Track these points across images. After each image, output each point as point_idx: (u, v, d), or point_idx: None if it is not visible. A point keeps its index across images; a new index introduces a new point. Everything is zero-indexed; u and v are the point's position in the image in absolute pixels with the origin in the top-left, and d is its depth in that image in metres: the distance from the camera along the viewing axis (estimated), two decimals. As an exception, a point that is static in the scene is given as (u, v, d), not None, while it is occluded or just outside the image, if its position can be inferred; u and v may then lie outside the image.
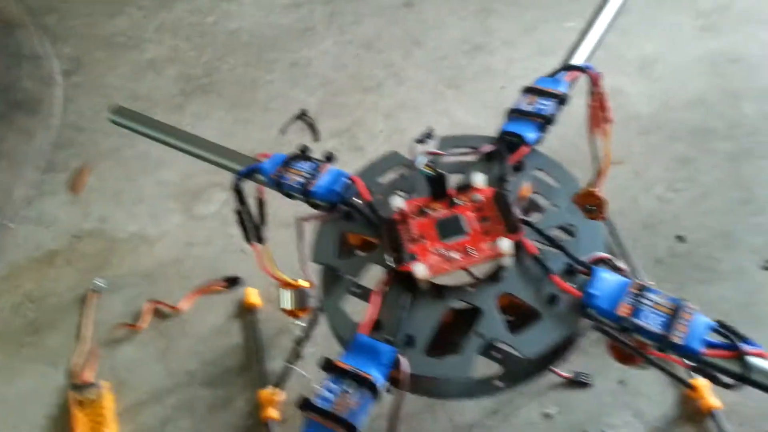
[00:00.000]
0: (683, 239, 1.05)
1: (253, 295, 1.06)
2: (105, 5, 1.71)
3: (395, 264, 0.62)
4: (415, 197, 0.68)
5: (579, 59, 0.79)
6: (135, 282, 1.12)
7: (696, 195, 1.11)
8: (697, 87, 1.28)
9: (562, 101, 0.73)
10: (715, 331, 0.55)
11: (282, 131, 1.34)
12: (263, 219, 0.78)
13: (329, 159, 0.72)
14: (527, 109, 0.72)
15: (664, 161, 1.16)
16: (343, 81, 1.43)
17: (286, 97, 1.41)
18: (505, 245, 0.60)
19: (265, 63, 1.49)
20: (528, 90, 0.74)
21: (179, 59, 1.54)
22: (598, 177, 0.81)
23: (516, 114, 0.72)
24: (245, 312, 1.05)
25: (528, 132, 0.70)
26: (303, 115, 1.35)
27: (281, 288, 0.85)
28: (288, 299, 0.85)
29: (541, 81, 0.75)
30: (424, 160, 0.68)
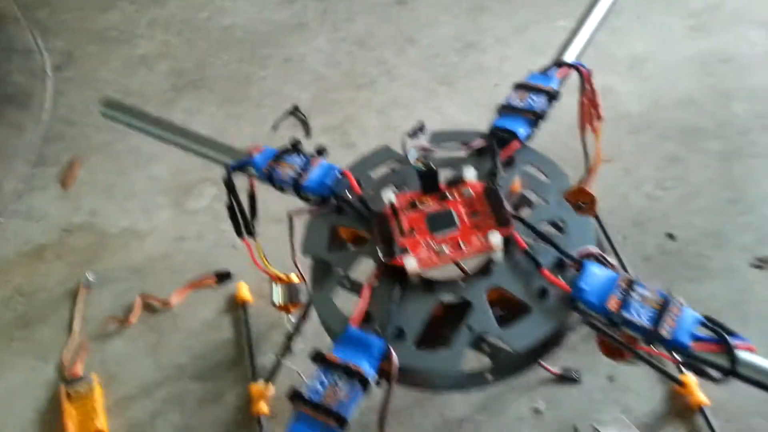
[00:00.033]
0: (673, 237, 1.06)
1: (244, 290, 1.05)
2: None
3: (386, 257, 0.62)
4: (407, 191, 0.68)
5: (570, 57, 0.79)
6: (125, 276, 1.12)
7: (686, 193, 1.11)
8: (688, 86, 1.28)
9: (553, 97, 0.73)
10: (704, 326, 0.55)
11: (274, 127, 1.34)
12: (254, 213, 0.78)
13: (321, 153, 0.72)
14: (518, 105, 0.72)
15: (654, 160, 1.17)
16: (336, 78, 1.43)
17: (278, 93, 1.41)
18: (496, 239, 0.61)
19: (258, 59, 1.49)
20: (519, 86, 0.75)
21: (171, 54, 1.54)
22: (588, 174, 0.82)
23: (507, 110, 0.73)
24: (236, 307, 1.05)
25: (519, 128, 0.71)
26: (295, 111, 1.35)
27: (272, 283, 0.85)
28: (279, 294, 0.85)
29: (532, 77, 0.75)
30: (415, 154, 0.68)
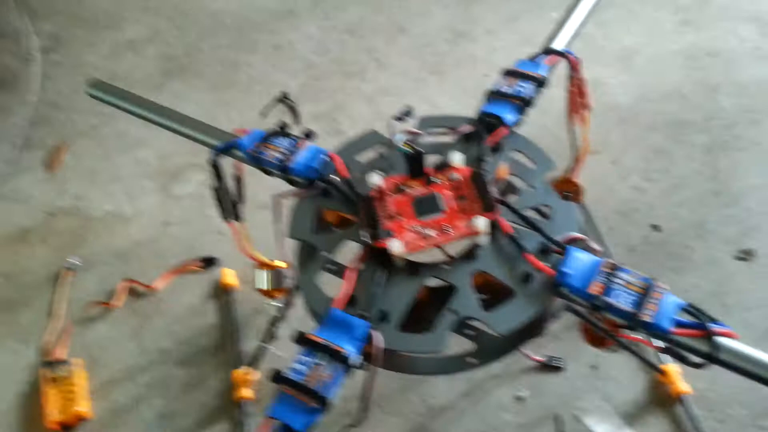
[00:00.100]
0: (658, 228, 1.06)
1: (230, 276, 1.05)
2: (86, -17, 1.69)
3: (371, 240, 0.62)
4: (393, 175, 0.68)
5: (559, 45, 0.79)
6: (110, 261, 1.11)
7: (671, 185, 1.12)
8: (676, 80, 1.29)
9: (541, 84, 0.73)
10: (685, 311, 0.56)
11: (263, 114, 1.33)
12: (241, 196, 0.78)
13: (308, 136, 0.72)
14: (506, 91, 0.72)
15: (640, 151, 1.17)
16: (326, 65, 1.42)
17: (267, 80, 1.40)
18: (481, 223, 0.61)
19: (248, 45, 1.48)
20: (507, 72, 0.75)
21: (160, 39, 1.52)
22: (575, 163, 0.82)
23: (495, 96, 0.73)
24: (221, 292, 1.05)
25: (507, 114, 0.71)
26: (284, 98, 1.35)
27: (257, 268, 0.85)
28: (264, 279, 0.85)
29: (521, 64, 0.75)
30: (402, 137, 0.68)
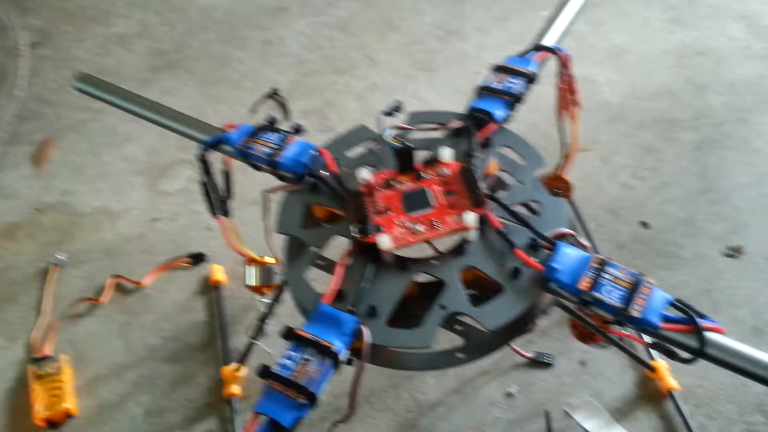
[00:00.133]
0: (647, 225, 1.06)
1: (218, 272, 1.05)
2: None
3: (360, 235, 0.62)
4: (382, 170, 0.68)
5: (549, 41, 0.79)
6: (97, 257, 1.10)
7: (660, 183, 1.12)
8: (665, 78, 1.29)
9: (531, 80, 0.73)
10: (673, 306, 0.56)
11: (253, 110, 1.32)
12: (229, 191, 0.77)
13: (297, 131, 0.72)
14: (496, 87, 0.72)
15: (630, 149, 1.18)
16: (317, 62, 1.42)
17: (257, 76, 1.39)
18: (470, 219, 0.60)
19: (238, 41, 1.47)
20: (498, 68, 0.74)
21: (149, 34, 1.51)
22: (565, 160, 0.82)
23: (485, 91, 0.73)
24: (210, 289, 1.04)
25: (496, 109, 0.70)
26: (274, 94, 1.34)
27: (247, 264, 0.84)
28: (253, 276, 0.85)
29: (511, 60, 0.75)
30: (391, 132, 0.68)
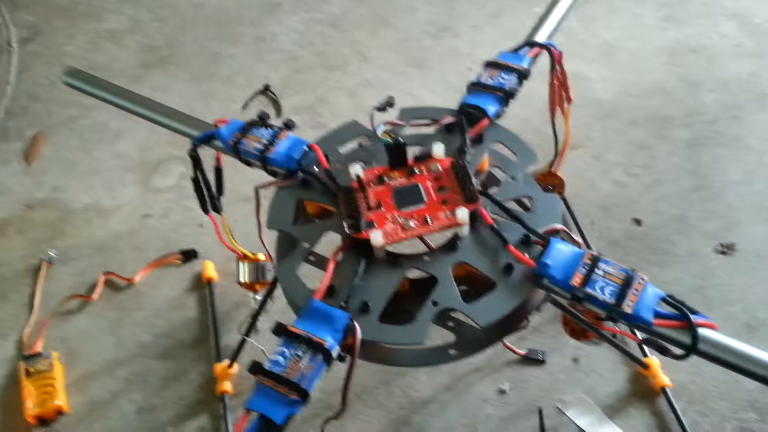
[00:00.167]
0: (639, 223, 1.07)
1: (210, 269, 1.04)
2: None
3: (352, 231, 0.61)
4: (374, 166, 0.67)
5: (541, 37, 0.79)
6: (88, 253, 1.10)
7: (652, 180, 1.12)
8: (658, 75, 1.29)
9: (523, 76, 0.73)
10: (666, 302, 0.56)
11: (244, 106, 1.32)
12: (221, 188, 0.77)
13: (288, 126, 0.71)
14: (488, 83, 0.72)
15: (622, 146, 1.18)
16: (309, 58, 1.41)
17: (249, 72, 1.39)
18: (462, 214, 0.60)
19: (229, 37, 1.47)
20: (490, 64, 0.74)
21: (140, 30, 1.50)
22: (557, 157, 0.82)
23: (477, 87, 0.72)
24: (202, 286, 1.04)
25: (489, 105, 0.70)
26: (266, 91, 1.34)
27: (239, 261, 0.84)
28: (245, 273, 0.84)
29: (503, 56, 0.75)
30: (383, 128, 0.67)
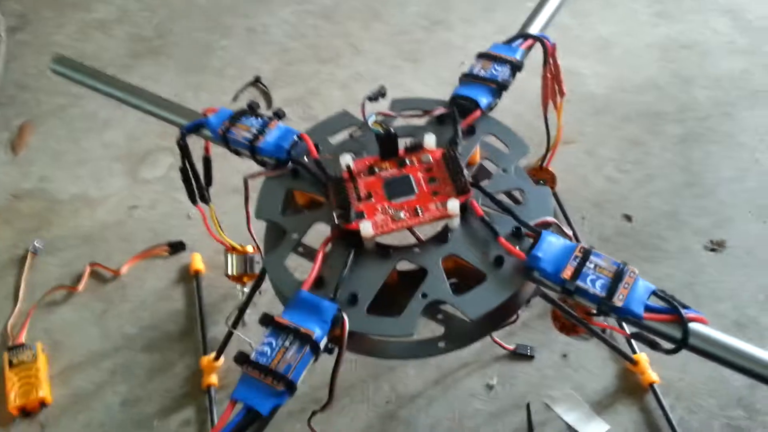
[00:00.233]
0: (630, 218, 1.06)
1: (198, 261, 1.03)
2: (54, -38, 1.65)
3: (341, 222, 0.61)
4: (365, 157, 0.66)
5: (534, 29, 0.79)
6: (75, 244, 1.08)
7: (644, 176, 1.12)
8: (651, 71, 1.29)
9: (516, 68, 0.72)
10: (656, 296, 0.55)
11: (235, 98, 1.31)
12: (209, 178, 0.76)
13: (279, 116, 0.70)
14: (481, 74, 0.71)
15: (615, 142, 1.17)
16: (300, 50, 1.40)
17: (241, 64, 1.38)
18: (453, 206, 0.59)
19: (221, 28, 1.45)
20: (482, 55, 0.73)
21: (130, 20, 1.49)
22: (550, 151, 0.81)
23: (469, 78, 0.72)
24: (189, 278, 1.03)
25: (481, 96, 0.69)
26: (257, 82, 1.33)
27: (227, 253, 0.83)
28: (233, 264, 0.83)
29: (496, 47, 0.74)
30: (375, 118, 0.67)
